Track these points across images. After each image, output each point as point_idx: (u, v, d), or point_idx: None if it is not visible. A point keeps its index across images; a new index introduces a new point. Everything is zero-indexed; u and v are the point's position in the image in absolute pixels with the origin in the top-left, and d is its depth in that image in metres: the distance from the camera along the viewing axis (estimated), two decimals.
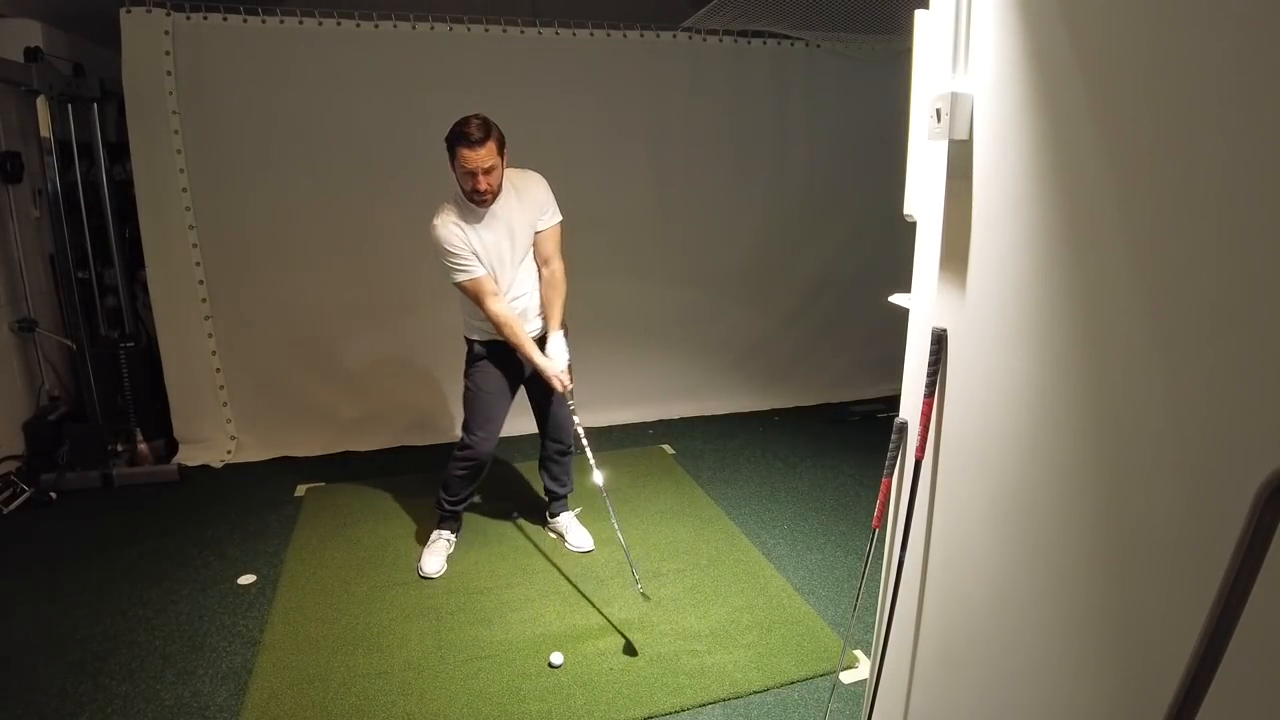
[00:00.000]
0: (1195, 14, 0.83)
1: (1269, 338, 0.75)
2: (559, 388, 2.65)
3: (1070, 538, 1.07)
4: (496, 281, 2.58)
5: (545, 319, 2.72)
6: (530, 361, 2.63)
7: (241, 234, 3.70)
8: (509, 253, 2.59)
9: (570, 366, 2.72)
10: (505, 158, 2.48)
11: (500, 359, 2.71)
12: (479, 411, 2.74)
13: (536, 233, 2.64)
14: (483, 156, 2.37)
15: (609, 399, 4.34)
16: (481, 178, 2.40)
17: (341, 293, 3.90)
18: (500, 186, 2.50)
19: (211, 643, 2.40)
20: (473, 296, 2.56)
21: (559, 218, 2.69)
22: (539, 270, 2.70)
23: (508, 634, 2.45)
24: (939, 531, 1.44)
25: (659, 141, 4.16)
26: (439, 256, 2.52)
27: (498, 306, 2.55)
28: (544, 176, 2.69)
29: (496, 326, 2.57)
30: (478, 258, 2.52)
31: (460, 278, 2.52)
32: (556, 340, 2.69)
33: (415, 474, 3.65)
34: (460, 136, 2.37)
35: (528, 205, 2.60)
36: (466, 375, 2.76)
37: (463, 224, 2.50)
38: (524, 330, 2.61)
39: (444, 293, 3.93)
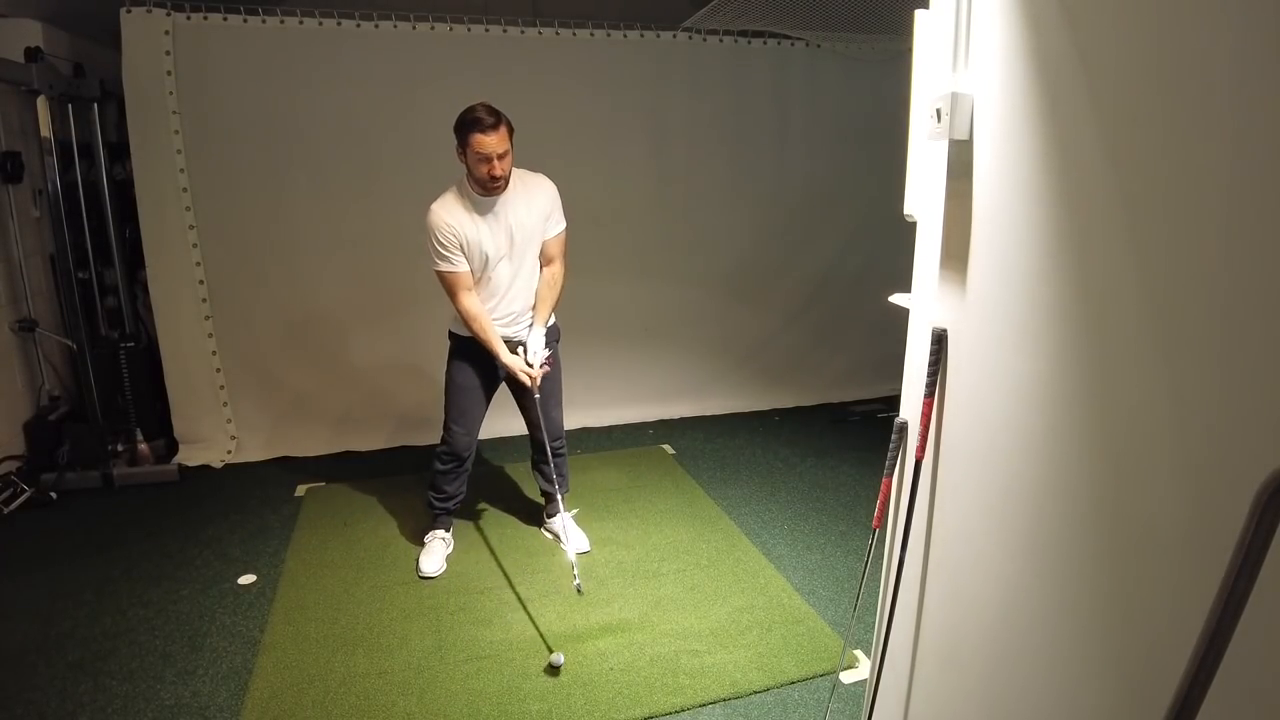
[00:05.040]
0: (1196, 12, 0.83)
1: (1270, 338, 0.75)
2: (526, 382, 2.65)
3: (1070, 537, 1.07)
4: (484, 276, 2.59)
5: (532, 312, 2.71)
6: (497, 359, 2.64)
7: (241, 234, 3.70)
8: (506, 251, 2.59)
9: (550, 359, 2.74)
10: (513, 145, 2.50)
11: (476, 355, 2.71)
12: (454, 405, 2.76)
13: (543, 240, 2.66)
14: (496, 142, 2.39)
15: (609, 399, 4.34)
16: (496, 163, 2.42)
17: (341, 293, 3.90)
18: (510, 175, 2.52)
19: (211, 643, 2.40)
20: (447, 288, 2.59)
21: (564, 225, 2.70)
22: (541, 269, 2.70)
23: (508, 634, 2.45)
24: (939, 531, 1.44)
25: (659, 141, 4.16)
26: (427, 238, 2.54)
27: (469, 302, 2.58)
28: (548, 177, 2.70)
29: (465, 320, 2.60)
30: (464, 251, 2.53)
31: (440, 266, 2.55)
32: (536, 333, 2.69)
33: (415, 474, 3.64)
34: (473, 123, 2.38)
35: (534, 209, 2.60)
36: (446, 369, 2.78)
37: (460, 215, 2.52)
38: (493, 328, 2.61)
39: (443, 292, 3.92)
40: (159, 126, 3.45)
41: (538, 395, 2.69)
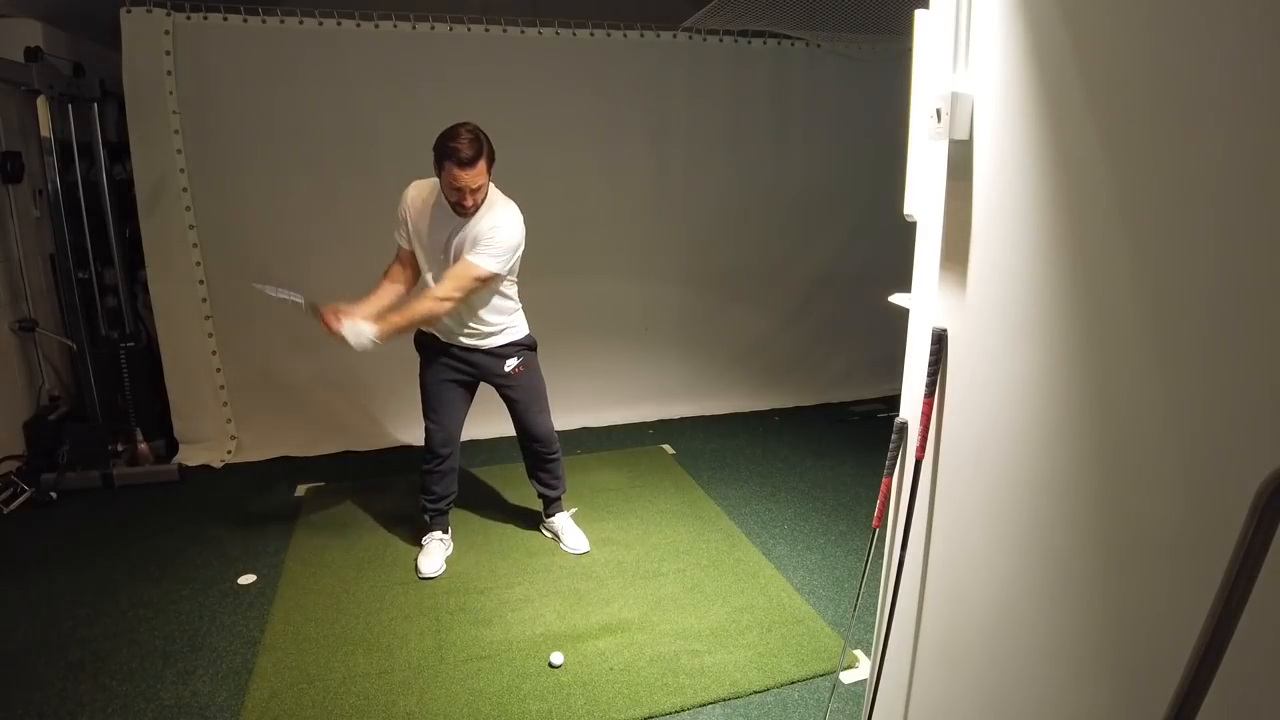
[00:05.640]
0: (1195, 13, 0.83)
1: (1269, 338, 0.75)
2: (322, 326, 2.50)
3: (1070, 537, 1.07)
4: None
5: (467, 328, 2.66)
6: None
7: (241, 234, 3.69)
8: (441, 259, 2.58)
9: (522, 366, 2.78)
10: (491, 172, 2.44)
11: (441, 351, 2.74)
12: (426, 402, 2.83)
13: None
14: (473, 176, 2.36)
15: (609, 399, 4.34)
16: (468, 195, 2.40)
17: (342, 292, 3.86)
18: (481, 205, 2.47)
19: (211, 643, 2.40)
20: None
21: (488, 264, 2.45)
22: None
23: (508, 634, 2.45)
24: (939, 531, 1.44)
25: (659, 141, 4.16)
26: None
27: (392, 269, 2.71)
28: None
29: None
30: (407, 231, 2.63)
31: (394, 231, 2.69)
32: (351, 324, 2.50)
33: (415, 474, 3.63)
34: (450, 153, 2.33)
35: (476, 226, 2.49)
36: (419, 368, 2.86)
37: (420, 204, 2.58)
38: (379, 300, 2.63)
39: None
40: (159, 126, 3.45)
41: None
